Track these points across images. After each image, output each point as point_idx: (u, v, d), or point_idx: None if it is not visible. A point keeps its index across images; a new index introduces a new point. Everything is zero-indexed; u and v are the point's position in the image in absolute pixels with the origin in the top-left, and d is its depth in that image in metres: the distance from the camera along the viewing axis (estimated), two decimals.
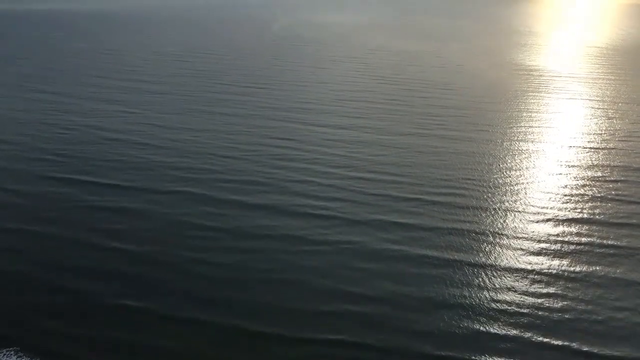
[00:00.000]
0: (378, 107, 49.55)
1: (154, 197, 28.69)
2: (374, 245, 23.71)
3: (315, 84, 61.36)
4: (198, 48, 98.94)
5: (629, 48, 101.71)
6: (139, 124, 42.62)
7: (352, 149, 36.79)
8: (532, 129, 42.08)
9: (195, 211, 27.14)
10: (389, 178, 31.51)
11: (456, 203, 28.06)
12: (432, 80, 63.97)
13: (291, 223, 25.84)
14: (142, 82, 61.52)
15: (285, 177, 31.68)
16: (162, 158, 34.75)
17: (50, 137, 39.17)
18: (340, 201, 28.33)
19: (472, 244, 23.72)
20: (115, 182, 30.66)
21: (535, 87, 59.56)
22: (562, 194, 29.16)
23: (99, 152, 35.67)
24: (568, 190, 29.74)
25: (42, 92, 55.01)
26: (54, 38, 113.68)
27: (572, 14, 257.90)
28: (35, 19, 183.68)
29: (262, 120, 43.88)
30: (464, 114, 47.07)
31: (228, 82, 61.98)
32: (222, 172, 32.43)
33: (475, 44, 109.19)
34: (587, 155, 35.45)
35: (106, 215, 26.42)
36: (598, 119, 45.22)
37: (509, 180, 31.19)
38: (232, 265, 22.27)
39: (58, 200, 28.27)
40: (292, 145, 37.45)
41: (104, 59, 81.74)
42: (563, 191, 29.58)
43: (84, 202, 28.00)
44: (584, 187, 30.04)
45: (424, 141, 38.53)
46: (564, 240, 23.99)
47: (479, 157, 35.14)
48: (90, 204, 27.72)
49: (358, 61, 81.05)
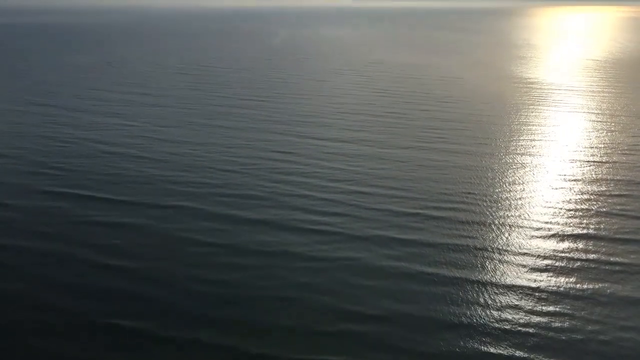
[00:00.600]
0: (378, 119, 49.33)
1: (151, 212, 28.27)
2: (375, 261, 23.22)
3: (315, 97, 61.27)
4: (199, 60, 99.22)
5: (628, 61, 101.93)
6: (137, 136, 42.36)
7: (352, 162, 36.44)
8: (533, 142, 41.77)
9: (193, 226, 26.70)
10: (389, 192, 31.10)
11: (458, 218, 27.61)
12: (432, 93, 63.88)
13: (290, 238, 25.38)
14: (142, 94, 61.46)
15: (284, 191, 31.28)
16: (160, 172, 34.38)
17: (47, 150, 38.85)
18: (340, 216, 27.89)
19: (475, 261, 23.24)
20: (112, 196, 30.27)
21: (535, 100, 59.41)
22: (565, 209, 28.72)
23: (96, 166, 35.33)
24: (571, 205, 29.31)
25: (40, 105, 54.87)
26: (54, 51, 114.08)
27: (569, 27, 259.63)
28: (36, 32, 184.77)
29: (261, 134, 43.63)
30: (464, 126, 46.82)
31: (228, 95, 61.93)
32: (220, 186, 32.04)
33: (475, 57, 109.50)
34: (590, 169, 35.07)
35: (101, 231, 25.97)
36: (599, 132, 44.94)
37: (511, 195, 30.78)
38: (230, 282, 21.76)
39: (53, 214, 27.84)
40: (292, 159, 37.11)
41: (104, 71, 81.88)
42: (566, 206, 29.15)
43: (79, 217, 27.57)
44: (587, 202, 29.61)
45: (424, 154, 38.20)
46: (569, 257, 23.50)
47: (480, 171, 34.77)
48: (85, 219, 27.29)
49: (358, 74, 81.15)
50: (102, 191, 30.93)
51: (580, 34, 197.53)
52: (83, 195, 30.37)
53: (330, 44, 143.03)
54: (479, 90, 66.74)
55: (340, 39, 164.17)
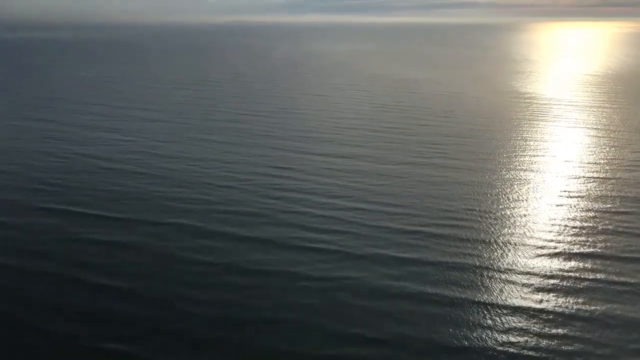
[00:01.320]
0: (377, 135, 49.03)
1: (147, 230, 27.75)
2: (374, 281, 22.67)
3: (315, 112, 61.08)
4: (199, 75, 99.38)
5: (626, 75, 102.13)
6: (135, 152, 41.98)
7: (351, 178, 36.02)
8: (534, 157, 41.40)
9: (189, 244, 26.17)
10: (389, 209, 30.62)
11: (459, 236, 27.09)
12: (432, 108, 63.72)
13: (288, 257, 24.84)
14: (141, 109, 61.28)
15: (283, 208, 30.80)
16: (157, 188, 33.93)
17: (44, 166, 38.46)
18: (339, 234, 27.38)
19: (478, 280, 22.68)
20: (107, 213, 29.77)
21: (534, 115, 59.22)
22: (568, 226, 28.22)
23: (92, 182, 34.89)
24: (574, 222, 28.82)
25: (39, 120, 54.61)
26: (55, 66, 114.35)
27: (567, 42, 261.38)
28: (38, 47, 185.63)
29: (260, 149, 43.27)
30: (464, 142, 46.49)
31: (227, 110, 61.74)
32: (217, 203, 31.56)
33: (474, 71, 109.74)
34: (592, 186, 34.63)
35: (95, 249, 25.43)
36: (600, 147, 44.59)
37: (513, 212, 30.30)
38: (226, 303, 21.18)
39: (47, 232, 27.32)
40: (290, 175, 36.69)
41: (103, 86, 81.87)
42: (569, 223, 28.65)
43: (73, 235, 27.04)
44: (591, 219, 29.12)
45: (424, 170, 37.79)
46: (574, 276, 22.95)
47: (481, 188, 34.33)
48: (79, 237, 26.75)
49: (357, 88, 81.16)
50: (97, 208, 30.44)
51: (578, 49, 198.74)
52: (77, 212, 29.87)
53: (329, 59, 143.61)
54: (479, 105, 66.60)
55: (339, 54, 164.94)
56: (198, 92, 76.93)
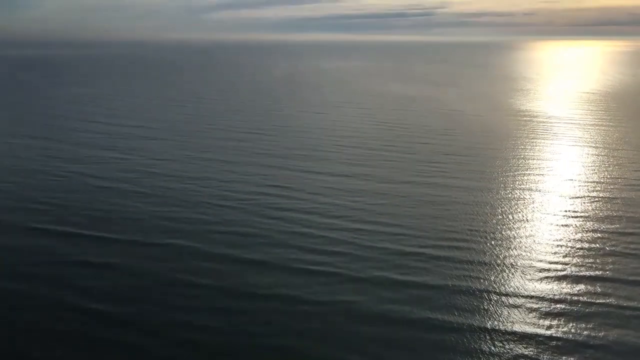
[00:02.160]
0: (377, 153, 48.52)
1: (141, 251, 26.98)
2: (375, 306, 21.87)
3: (314, 130, 60.68)
4: (198, 92, 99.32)
5: (622, 93, 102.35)
6: (130, 170, 41.35)
7: (350, 197, 35.35)
8: (535, 176, 40.82)
9: (184, 266, 25.39)
10: (389, 230, 29.90)
11: (461, 258, 26.35)
12: (432, 126, 63.39)
13: (286, 280, 24.06)
14: (138, 127, 60.84)
15: (280, 228, 30.07)
16: (153, 207, 33.21)
17: (37, 184, 37.78)
18: (338, 255, 26.62)
19: (481, 305, 21.89)
20: (100, 233, 29.01)
21: (535, 133, 58.85)
22: (573, 248, 27.51)
23: (86, 201, 34.17)
24: (580, 244, 28.11)
25: (34, 137, 54.10)
26: (54, 83, 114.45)
27: (562, 60, 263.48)
28: (38, 65, 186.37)
29: (258, 168, 42.67)
30: (464, 160, 45.96)
31: (225, 128, 61.33)
32: (214, 223, 30.83)
33: (473, 89, 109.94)
34: (596, 206, 33.99)
35: (87, 272, 24.63)
36: (601, 166, 44.06)
37: (516, 233, 29.60)
38: (221, 328, 20.36)
39: (37, 254, 26.53)
40: (289, 194, 36.03)
41: (102, 103, 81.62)
42: (574, 244, 27.95)
43: (64, 256, 26.24)
44: (596, 241, 28.41)
45: (425, 190, 37.15)
46: (582, 301, 22.16)
47: (483, 207, 33.68)
48: (71, 259, 25.96)
49: (356, 106, 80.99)
50: (90, 228, 29.68)
51: (574, 67, 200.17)
52: (70, 232, 29.10)
53: (327, 76, 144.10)
54: (479, 122, 66.31)
55: (337, 71, 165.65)
56: (196, 109, 76.67)
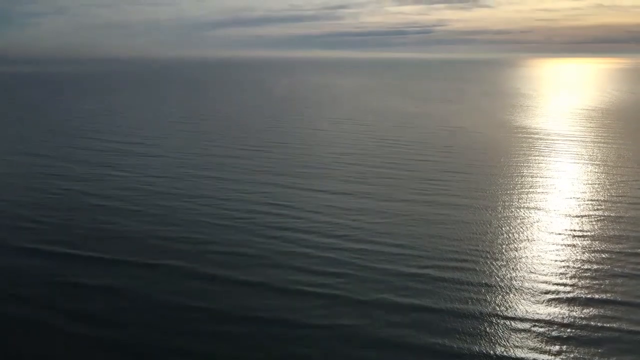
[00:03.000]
0: (377, 170, 48.07)
1: (136, 272, 26.35)
2: (376, 330, 21.20)
3: (313, 146, 60.36)
4: (198, 109, 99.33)
5: (620, 110, 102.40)
6: (128, 188, 40.83)
7: (351, 216, 34.79)
8: (538, 194, 40.30)
9: (180, 288, 24.75)
10: (389, 250, 29.30)
11: (463, 279, 25.72)
12: (432, 142, 63.08)
13: (284, 302, 23.41)
14: (137, 144, 60.52)
15: (279, 248, 29.47)
16: (149, 226, 32.62)
17: (31, 202, 37.24)
18: (338, 277, 25.99)
19: (486, 329, 21.22)
20: (94, 254, 28.38)
21: (536, 149, 58.50)
22: (579, 269, 26.89)
23: (81, 220, 33.59)
24: (585, 264, 27.48)
25: (33, 155, 53.71)
26: (56, 99, 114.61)
27: (558, 77, 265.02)
28: (42, 81, 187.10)
29: (256, 185, 42.17)
30: (465, 178, 45.49)
31: (225, 144, 61.01)
32: (211, 243, 30.24)
33: (473, 106, 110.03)
34: (599, 225, 33.40)
35: (79, 294, 23.98)
36: (604, 183, 43.55)
37: (519, 253, 28.99)
38: (218, 354, 19.69)
39: (28, 275, 25.91)
40: (288, 213, 35.48)
41: (102, 120, 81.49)
42: (580, 265, 27.33)
43: (58, 277, 25.61)
44: (602, 262, 27.79)
45: (426, 209, 36.60)
46: (589, 325, 21.49)
47: (485, 227, 33.11)
48: (65, 280, 25.32)
49: (357, 123, 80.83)
50: (84, 248, 29.07)
51: (572, 84, 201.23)
52: (63, 253, 28.49)
53: (328, 93, 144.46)
54: (479, 139, 66.03)
55: (338, 88, 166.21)
56: (195, 125, 76.48)
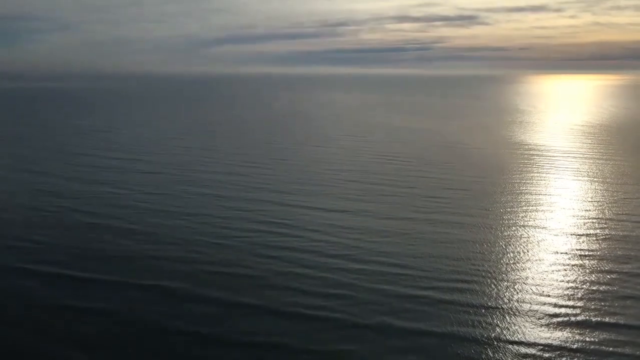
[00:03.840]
0: (377, 187, 47.42)
1: (130, 294, 25.53)
2: (377, 356, 20.38)
3: (313, 163, 59.82)
4: (197, 124, 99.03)
5: (619, 126, 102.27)
6: (124, 207, 40.10)
7: (351, 235, 34.04)
8: (541, 212, 39.62)
9: (173, 311, 23.92)
10: (390, 270, 28.53)
11: (466, 302, 24.92)
12: (432, 159, 62.59)
13: (282, 326, 22.59)
14: (135, 160, 59.94)
15: (277, 268, 28.68)
16: (143, 245, 31.85)
17: (24, 220, 36.50)
18: (337, 298, 25.19)
19: (492, 355, 20.39)
20: (87, 274, 27.58)
21: (537, 166, 57.96)
22: (586, 291, 26.11)
23: (75, 239, 32.82)
24: (592, 286, 26.70)
25: (28, 172, 53.07)
26: (54, 115, 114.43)
27: (558, 93, 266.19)
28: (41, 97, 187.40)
29: (254, 203, 41.43)
30: (466, 195, 44.84)
31: (223, 161, 60.45)
32: (207, 263, 29.45)
33: (473, 121, 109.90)
34: (604, 245, 32.65)
35: (70, 317, 23.14)
36: (607, 201, 42.88)
37: (523, 274, 28.22)
38: None
39: (19, 297, 25.08)
40: (286, 231, 34.74)
41: (99, 136, 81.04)
42: (587, 287, 26.55)
43: (49, 299, 24.78)
44: (609, 283, 27.01)
45: (426, 227, 35.87)
46: (598, 350, 20.67)
47: (488, 246, 32.37)
48: (55, 302, 24.49)
49: (357, 139, 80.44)
50: (76, 268, 28.26)
51: (570, 100, 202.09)
52: (55, 273, 27.68)
53: (328, 109, 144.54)
54: (480, 156, 65.56)
55: (338, 104, 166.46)
56: (194, 141, 76.02)
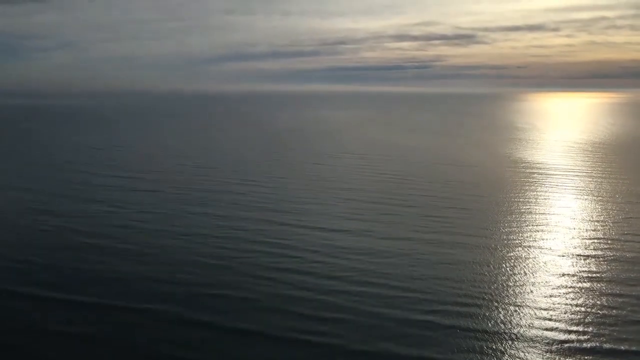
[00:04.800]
0: (377, 206, 46.71)
1: (122, 318, 24.72)
2: None
3: (311, 181, 59.23)
4: (195, 142, 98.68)
5: (620, 144, 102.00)
6: (119, 226, 39.34)
7: (350, 256, 33.26)
8: (544, 233, 38.88)
9: (167, 336, 23.11)
10: (390, 293, 27.73)
11: (469, 327, 24.10)
12: (432, 177, 62.01)
13: (277, 353, 21.79)
14: (131, 178, 59.33)
15: (273, 291, 27.87)
16: (136, 267, 31.02)
17: (16, 240, 35.77)
18: (335, 323, 24.37)
19: None
20: (78, 297, 26.77)
21: (538, 184, 57.34)
22: (592, 314, 25.30)
23: (68, 261, 32.03)
24: (597, 310, 25.89)
25: (22, 190, 52.42)
26: (55, 132, 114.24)
27: (556, 111, 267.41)
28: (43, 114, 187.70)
29: (253, 223, 40.65)
30: (467, 214, 44.12)
31: (220, 179, 59.83)
32: (202, 285, 28.63)
33: (473, 139, 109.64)
34: (610, 267, 31.84)
35: (57, 343, 22.31)
36: (611, 220, 42.11)
37: (528, 298, 27.41)
38: None
39: (6, 320, 24.26)
40: (283, 252, 33.96)
41: (96, 154, 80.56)
42: (592, 311, 25.74)
43: (38, 323, 23.97)
44: (617, 307, 26.18)
45: (427, 247, 35.10)
46: None
47: (489, 268, 31.59)
48: (44, 327, 23.69)
49: (355, 157, 79.98)
50: (68, 291, 27.45)
51: (565, 117, 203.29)
52: (46, 297, 26.87)
53: (328, 126, 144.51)
54: (480, 173, 65.01)
55: (338, 121, 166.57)
56: (191, 159, 75.52)
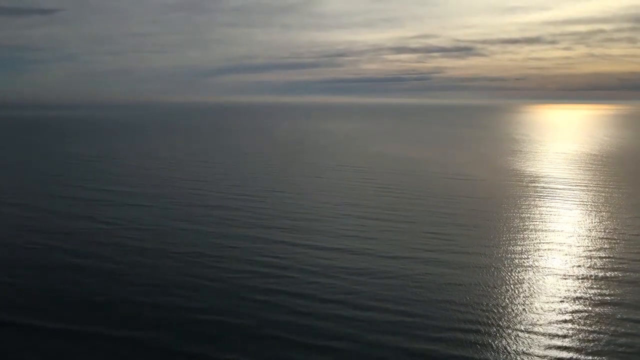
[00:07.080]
0: (377, 223, 45.08)
1: (102, 346, 23.00)
2: None
3: (309, 195, 57.65)
4: (194, 154, 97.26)
5: (619, 156, 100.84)
6: (106, 244, 37.63)
7: (348, 277, 31.61)
8: (551, 252, 37.26)
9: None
10: (391, 318, 26.08)
11: (477, 357, 22.43)
12: (433, 190, 60.50)
13: None
14: (125, 192, 57.72)
15: (267, 316, 26.21)
16: (123, 293, 29.15)
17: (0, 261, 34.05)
18: (333, 352, 22.74)
19: None
20: (58, 324, 25.08)
21: (543, 198, 55.84)
22: (604, 342, 23.69)
23: (50, 284, 30.29)
24: (610, 337, 24.27)
25: (12, 204, 50.78)
26: (50, 144, 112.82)
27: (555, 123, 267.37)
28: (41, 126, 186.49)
29: (248, 241, 38.93)
30: (470, 231, 42.50)
31: (217, 193, 58.21)
32: (193, 311, 26.93)
33: (473, 151, 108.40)
34: (623, 290, 30.21)
35: None
36: (620, 238, 40.52)
37: (537, 324, 25.76)
38: None
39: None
40: (279, 272, 32.31)
41: (91, 165, 79.05)
42: (605, 338, 24.14)
43: (22, 355, 22.23)
44: (628, 334, 24.54)
45: (430, 268, 33.44)
46: None
47: (496, 290, 29.98)
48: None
49: (355, 169, 78.51)
50: (52, 319, 25.73)
51: (564, 129, 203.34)
52: (28, 324, 25.16)
53: (327, 138, 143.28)
54: (481, 187, 63.53)
55: (337, 133, 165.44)
56: (188, 172, 73.96)
